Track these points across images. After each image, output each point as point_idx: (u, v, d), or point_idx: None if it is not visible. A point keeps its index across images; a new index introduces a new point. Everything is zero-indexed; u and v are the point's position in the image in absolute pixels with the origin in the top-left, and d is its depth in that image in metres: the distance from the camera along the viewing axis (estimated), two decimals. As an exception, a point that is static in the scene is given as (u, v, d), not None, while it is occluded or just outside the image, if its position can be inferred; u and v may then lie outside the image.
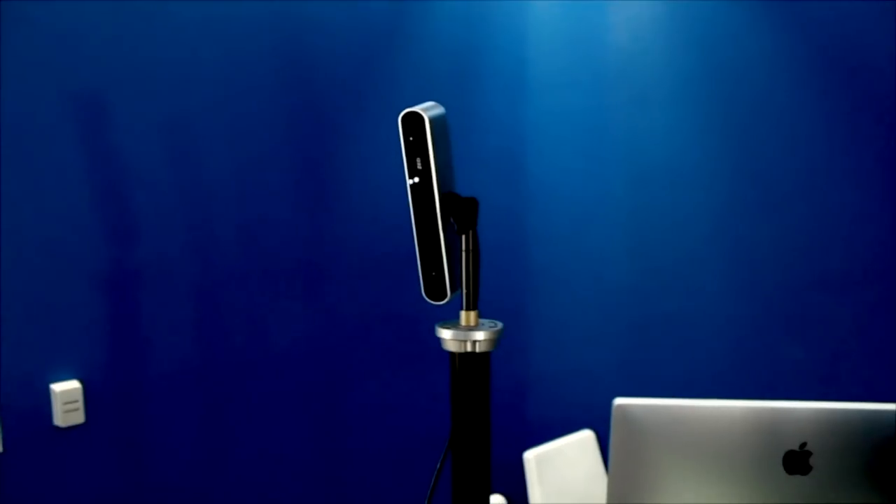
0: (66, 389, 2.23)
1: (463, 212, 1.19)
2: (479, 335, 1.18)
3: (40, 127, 2.14)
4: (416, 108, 1.16)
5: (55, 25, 2.14)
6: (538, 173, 3.05)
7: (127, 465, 2.36)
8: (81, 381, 2.25)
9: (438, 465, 1.22)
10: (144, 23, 2.28)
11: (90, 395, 2.26)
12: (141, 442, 2.38)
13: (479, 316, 1.21)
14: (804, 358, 2.85)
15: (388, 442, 2.84)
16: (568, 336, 3.08)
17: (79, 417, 2.26)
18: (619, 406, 1.79)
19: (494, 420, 3.09)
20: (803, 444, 1.62)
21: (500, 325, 1.22)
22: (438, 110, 1.20)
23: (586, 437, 2.92)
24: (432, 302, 1.21)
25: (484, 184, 3.02)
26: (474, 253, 1.19)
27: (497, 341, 1.20)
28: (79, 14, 2.18)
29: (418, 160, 1.17)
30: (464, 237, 1.19)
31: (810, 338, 2.84)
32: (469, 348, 1.18)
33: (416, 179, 1.17)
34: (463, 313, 1.20)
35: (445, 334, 1.18)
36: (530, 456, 2.68)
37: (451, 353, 1.19)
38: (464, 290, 1.20)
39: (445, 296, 1.19)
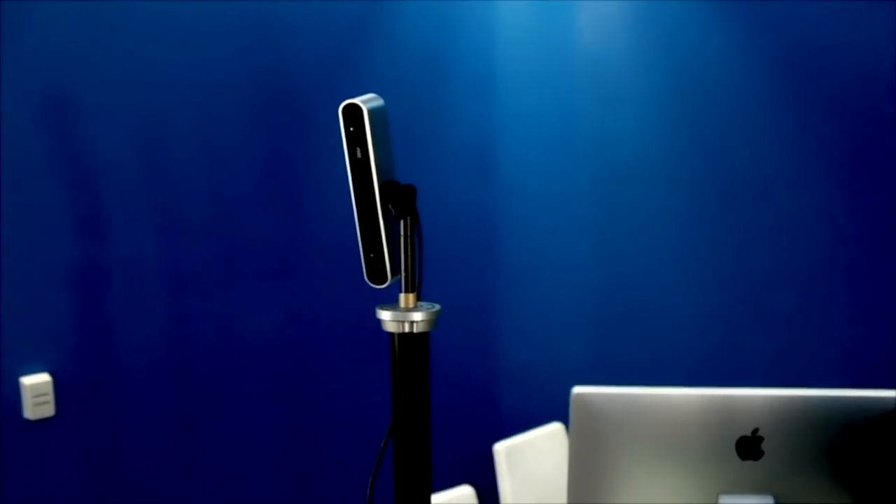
0: (36, 382, 2.25)
1: (401, 199, 1.23)
2: (417, 316, 1.23)
3: (8, 122, 2.17)
4: (356, 100, 1.21)
5: (23, 23, 2.17)
6: (508, 170, 3.10)
7: (97, 458, 2.39)
8: (52, 374, 2.28)
9: (380, 451, 1.26)
10: (110, 21, 2.31)
11: (60, 388, 2.28)
12: (111, 435, 2.41)
13: (419, 299, 1.25)
14: (763, 347, 2.91)
15: (358, 432, 2.87)
16: (538, 329, 3.13)
17: (49, 410, 2.28)
18: (578, 395, 1.83)
19: (465, 413, 3.13)
20: (755, 430, 1.65)
21: (437, 306, 1.26)
22: (378, 102, 1.24)
23: (556, 429, 2.96)
24: (373, 285, 1.25)
25: (455, 180, 3.07)
26: (412, 238, 1.23)
27: (435, 322, 1.25)
28: (51, 13, 2.21)
29: (358, 150, 1.21)
30: (402, 223, 1.23)
31: (769, 328, 2.91)
32: (407, 329, 1.23)
33: (357, 167, 1.21)
34: (402, 295, 1.24)
35: (385, 315, 1.23)
36: (500, 448, 2.72)
37: (391, 334, 1.23)
38: (403, 274, 1.24)
39: (386, 279, 1.24)
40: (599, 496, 1.84)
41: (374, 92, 2.74)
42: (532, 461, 2.79)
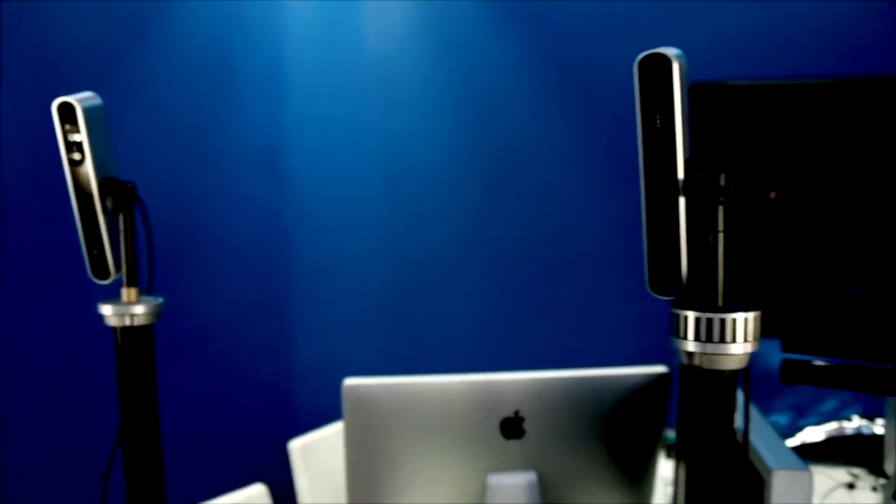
0: None
1: (119, 195, 1.24)
2: (139, 309, 1.25)
3: None
4: (70, 98, 1.21)
5: None
6: (297, 170, 3.12)
7: None
8: None
9: (111, 456, 1.27)
10: None
11: None
12: None
13: (141, 293, 1.27)
14: (546, 334, 3.04)
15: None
16: (331, 327, 3.15)
17: None
18: (349, 386, 1.87)
19: (259, 412, 3.11)
20: (517, 412, 1.73)
21: (160, 299, 1.28)
22: (95, 101, 1.25)
23: (352, 424, 2.97)
24: (98, 281, 1.26)
25: (243, 181, 3.06)
26: (132, 233, 1.24)
27: (157, 314, 1.26)
28: None
29: (74, 147, 1.22)
30: (121, 219, 1.24)
31: (551, 317, 3.04)
32: (129, 322, 1.24)
33: (74, 165, 1.22)
34: (124, 290, 1.26)
35: (106, 310, 1.24)
36: (296, 445, 2.73)
37: (114, 329, 1.25)
38: (124, 268, 1.25)
39: (109, 274, 1.25)
40: (376, 482, 1.89)
41: (157, 91, 2.74)
42: (328, 457, 2.80)
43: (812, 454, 2.54)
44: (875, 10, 2.80)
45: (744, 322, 0.98)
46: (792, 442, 2.59)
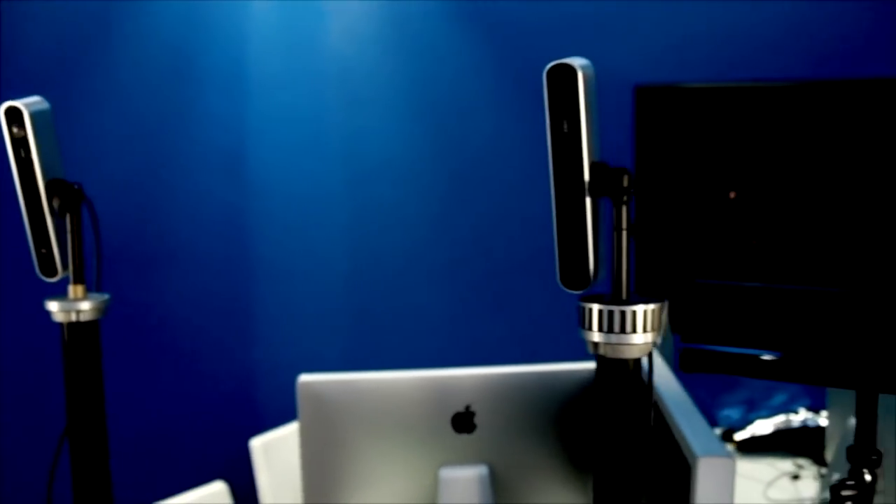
0: None
1: (65, 195, 1.28)
2: (85, 305, 1.28)
3: None
4: (17, 103, 1.25)
5: None
6: (259, 170, 3.15)
7: None
8: None
9: (56, 452, 1.30)
10: None
11: None
12: None
13: (87, 290, 1.30)
14: (503, 330, 3.09)
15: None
16: (293, 326, 3.19)
17: None
18: (304, 383, 1.91)
19: (221, 410, 3.12)
20: (468, 406, 1.77)
21: (106, 296, 1.32)
22: (42, 106, 1.29)
23: (314, 422, 3.00)
24: (45, 279, 1.29)
25: (205, 181, 3.09)
26: (79, 233, 1.28)
27: (104, 310, 1.30)
28: None
29: (22, 150, 1.25)
30: (68, 219, 1.28)
31: (511, 314, 3.09)
32: (75, 318, 1.28)
33: (22, 167, 1.25)
34: (70, 287, 1.29)
35: (52, 306, 1.28)
36: (257, 443, 2.76)
37: (61, 325, 1.28)
38: (71, 266, 1.29)
39: (57, 272, 1.28)
40: (331, 476, 1.91)
41: (119, 90, 2.75)
42: (289, 455, 2.81)
43: (760, 446, 2.61)
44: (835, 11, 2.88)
45: (643, 314, 1.04)
46: (742, 435, 2.65)
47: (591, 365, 1.87)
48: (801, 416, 2.63)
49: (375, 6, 3.09)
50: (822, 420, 2.57)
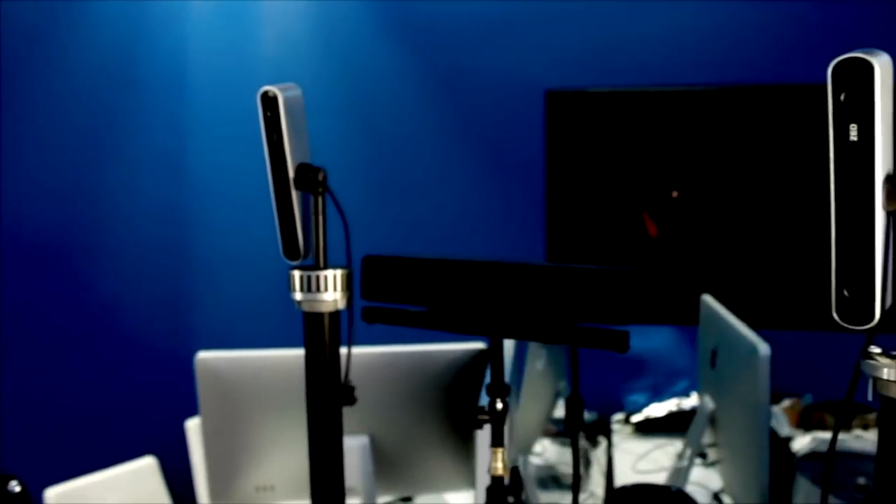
0: None
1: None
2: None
3: None
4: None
5: None
6: (199, 170, 3.30)
7: None
8: None
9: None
10: None
11: None
12: None
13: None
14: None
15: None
16: (231, 318, 3.33)
17: None
18: (202, 359, 2.08)
19: (155, 392, 3.27)
20: (348, 380, 1.93)
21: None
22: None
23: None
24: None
25: (144, 181, 3.24)
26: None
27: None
28: None
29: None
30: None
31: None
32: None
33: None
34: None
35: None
36: (191, 424, 2.91)
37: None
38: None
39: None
40: (228, 447, 2.07)
41: (57, 92, 2.87)
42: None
43: (655, 427, 2.76)
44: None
45: (333, 277, 1.45)
46: (637, 417, 2.81)
47: (460, 346, 2.04)
48: (692, 400, 2.77)
49: (305, 5, 3.25)
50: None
